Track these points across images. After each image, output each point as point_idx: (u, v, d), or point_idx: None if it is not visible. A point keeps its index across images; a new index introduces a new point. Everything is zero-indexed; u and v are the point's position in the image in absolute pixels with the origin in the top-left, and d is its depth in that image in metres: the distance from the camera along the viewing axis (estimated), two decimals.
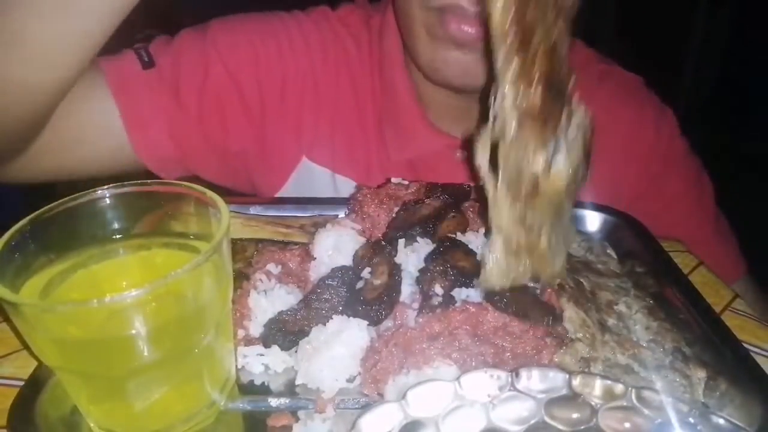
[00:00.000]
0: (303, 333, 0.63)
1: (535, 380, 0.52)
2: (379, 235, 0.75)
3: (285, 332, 0.64)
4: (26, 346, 0.56)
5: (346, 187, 1.04)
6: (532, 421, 0.51)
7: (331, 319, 0.63)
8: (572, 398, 0.51)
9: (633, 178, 1.10)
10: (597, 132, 1.09)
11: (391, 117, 1.03)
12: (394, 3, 1.01)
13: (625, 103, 1.13)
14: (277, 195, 1.07)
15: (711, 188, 1.19)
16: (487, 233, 0.72)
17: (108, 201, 0.60)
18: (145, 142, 0.96)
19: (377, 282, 0.64)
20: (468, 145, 0.89)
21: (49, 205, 0.57)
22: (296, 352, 0.63)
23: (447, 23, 0.86)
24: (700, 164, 1.19)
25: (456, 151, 1.05)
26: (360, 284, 0.65)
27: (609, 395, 0.51)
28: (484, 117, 1.04)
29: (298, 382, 0.61)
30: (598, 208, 0.91)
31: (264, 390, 0.62)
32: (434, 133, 1.03)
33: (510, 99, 0.58)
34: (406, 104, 1.03)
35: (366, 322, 0.62)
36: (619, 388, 0.51)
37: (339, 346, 0.61)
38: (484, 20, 0.81)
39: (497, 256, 0.61)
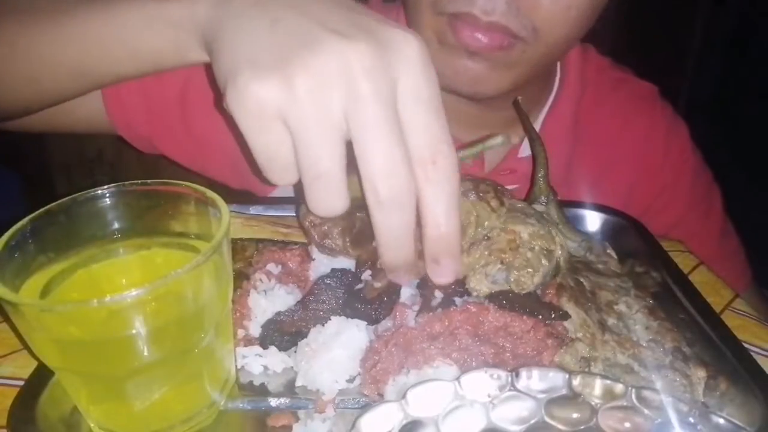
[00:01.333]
0: (300, 334, 0.63)
1: (535, 380, 0.52)
2: None
3: (282, 333, 0.64)
4: (26, 346, 0.56)
5: None
6: (532, 421, 0.51)
7: (330, 320, 0.62)
8: (572, 398, 0.51)
9: (642, 191, 1.10)
10: (610, 141, 1.09)
11: None
12: (404, 8, 0.99)
13: (638, 113, 1.12)
14: (273, 195, 1.07)
15: (720, 205, 1.18)
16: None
17: (108, 201, 0.60)
18: (120, 115, 0.97)
19: (377, 285, 0.64)
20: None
21: (49, 205, 0.57)
22: (295, 352, 0.63)
23: (459, 31, 0.84)
24: (711, 179, 1.18)
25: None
26: (359, 286, 0.65)
27: (609, 395, 0.51)
28: (496, 125, 1.03)
29: (297, 384, 0.61)
30: (598, 208, 0.91)
31: (264, 390, 0.62)
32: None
33: None
34: None
35: (365, 323, 0.62)
36: (619, 388, 0.51)
37: (338, 348, 0.60)
38: (497, 28, 0.82)
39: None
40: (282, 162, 0.55)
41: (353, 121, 0.52)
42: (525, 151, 1.08)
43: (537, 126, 1.09)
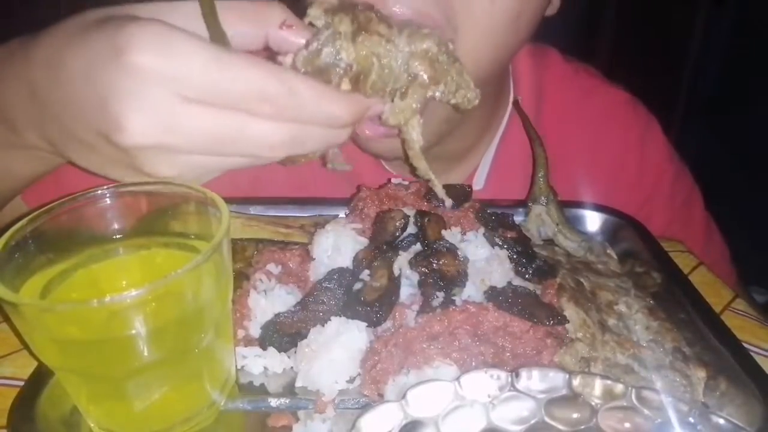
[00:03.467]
0: (300, 335, 0.63)
1: (535, 380, 0.52)
2: None
3: (281, 334, 0.64)
4: (26, 346, 0.56)
5: None
6: (532, 421, 0.51)
7: (329, 321, 0.62)
8: (572, 398, 0.51)
9: (619, 207, 1.02)
10: (579, 157, 1.04)
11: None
12: None
13: (609, 125, 1.07)
14: None
15: (701, 209, 1.15)
16: (486, 233, 0.72)
17: (108, 201, 0.60)
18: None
19: (376, 285, 0.64)
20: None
21: (49, 205, 0.57)
22: (295, 353, 0.63)
23: None
24: (690, 183, 1.14)
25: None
26: (358, 285, 0.65)
27: (609, 395, 0.51)
28: (449, 157, 0.95)
29: (297, 384, 0.61)
30: (598, 208, 0.91)
31: (264, 390, 0.62)
32: (388, 176, 0.95)
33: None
34: (354, 150, 0.92)
35: (365, 324, 0.62)
36: (619, 388, 0.51)
37: (338, 349, 0.60)
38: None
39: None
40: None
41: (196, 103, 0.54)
42: (478, 183, 1.01)
43: (490, 155, 1.02)
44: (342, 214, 0.83)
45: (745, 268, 1.22)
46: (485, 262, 0.69)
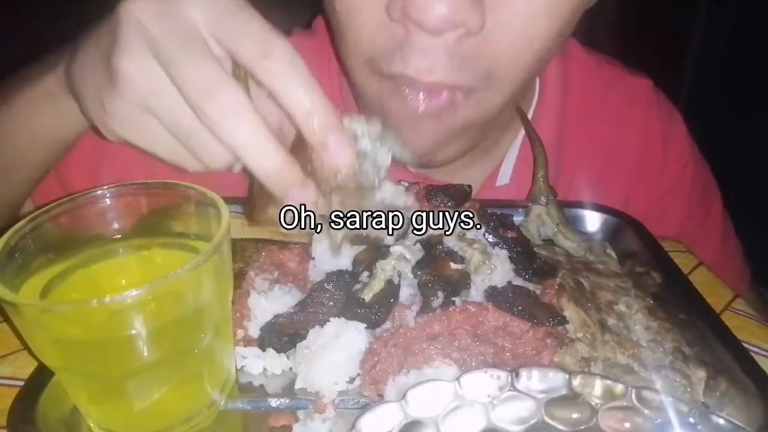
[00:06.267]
0: (299, 336, 0.63)
1: (535, 380, 0.52)
2: None
3: (280, 334, 0.63)
4: (26, 346, 0.56)
5: None
6: (532, 421, 0.51)
7: (328, 322, 0.62)
8: (572, 398, 0.51)
9: (639, 201, 1.05)
10: (603, 150, 1.04)
11: None
12: (342, 71, 0.88)
13: (632, 116, 1.06)
14: None
15: (719, 206, 1.14)
16: (486, 233, 0.72)
17: (108, 201, 0.60)
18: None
19: (376, 286, 0.64)
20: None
21: (49, 205, 0.58)
22: (294, 354, 0.63)
23: (408, 103, 0.73)
24: (710, 179, 1.13)
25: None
26: (357, 287, 0.65)
27: (609, 395, 0.51)
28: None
29: (297, 386, 0.61)
30: (598, 208, 0.91)
31: (263, 390, 0.62)
32: (406, 174, 0.93)
33: None
34: None
35: (364, 325, 0.62)
36: (619, 388, 0.51)
37: (337, 350, 0.60)
38: (444, 87, 0.70)
39: None
40: (172, 145, 0.58)
41: (163, 65, 0.54)
42: (504, 178, 1.01)
43: (515, 150, 1.01)
44: None
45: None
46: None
